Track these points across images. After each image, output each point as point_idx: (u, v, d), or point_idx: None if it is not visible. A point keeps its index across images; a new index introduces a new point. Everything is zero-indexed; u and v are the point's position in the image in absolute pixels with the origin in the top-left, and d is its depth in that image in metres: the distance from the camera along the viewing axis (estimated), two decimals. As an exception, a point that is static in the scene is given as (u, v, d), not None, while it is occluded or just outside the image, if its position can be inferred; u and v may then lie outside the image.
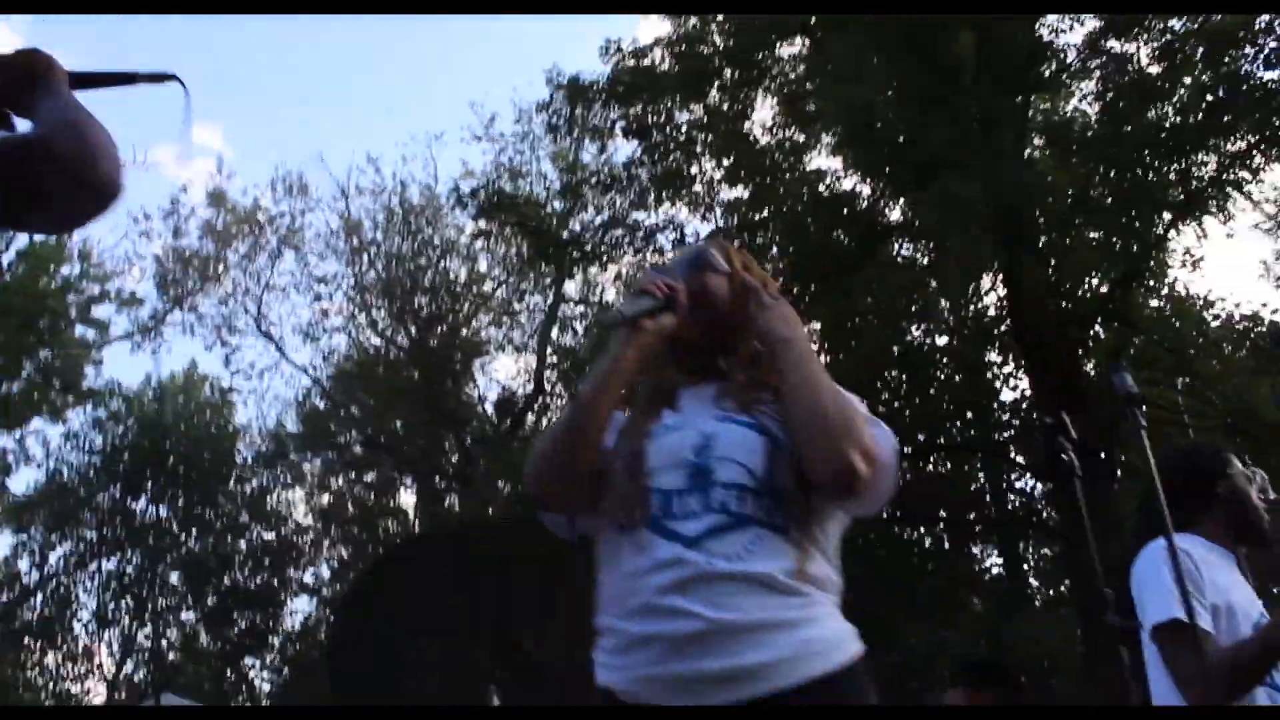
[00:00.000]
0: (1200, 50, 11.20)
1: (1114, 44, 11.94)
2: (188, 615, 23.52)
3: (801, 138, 14.39)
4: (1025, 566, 16.79)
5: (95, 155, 1.49)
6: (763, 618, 1.78)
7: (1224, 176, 11.64)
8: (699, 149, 14.48)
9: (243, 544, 23.41)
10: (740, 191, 14.44)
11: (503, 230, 16.92)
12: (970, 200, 9.92)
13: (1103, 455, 10.72)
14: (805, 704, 1.75)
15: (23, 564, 23.26)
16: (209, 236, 21.25)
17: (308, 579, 23.10)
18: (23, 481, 23.00)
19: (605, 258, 15.57)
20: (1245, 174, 11.70)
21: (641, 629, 1.82)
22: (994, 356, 14.28)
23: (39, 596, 23.24)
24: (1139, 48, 11.82)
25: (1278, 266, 15.15)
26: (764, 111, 14.94)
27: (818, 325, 14.06)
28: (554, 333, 18.81)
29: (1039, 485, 14.35)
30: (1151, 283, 13.08)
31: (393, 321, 20.91)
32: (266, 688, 22.58)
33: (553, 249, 15.59)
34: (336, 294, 21.20)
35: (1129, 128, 11.36)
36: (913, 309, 14.42)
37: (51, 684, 22.80)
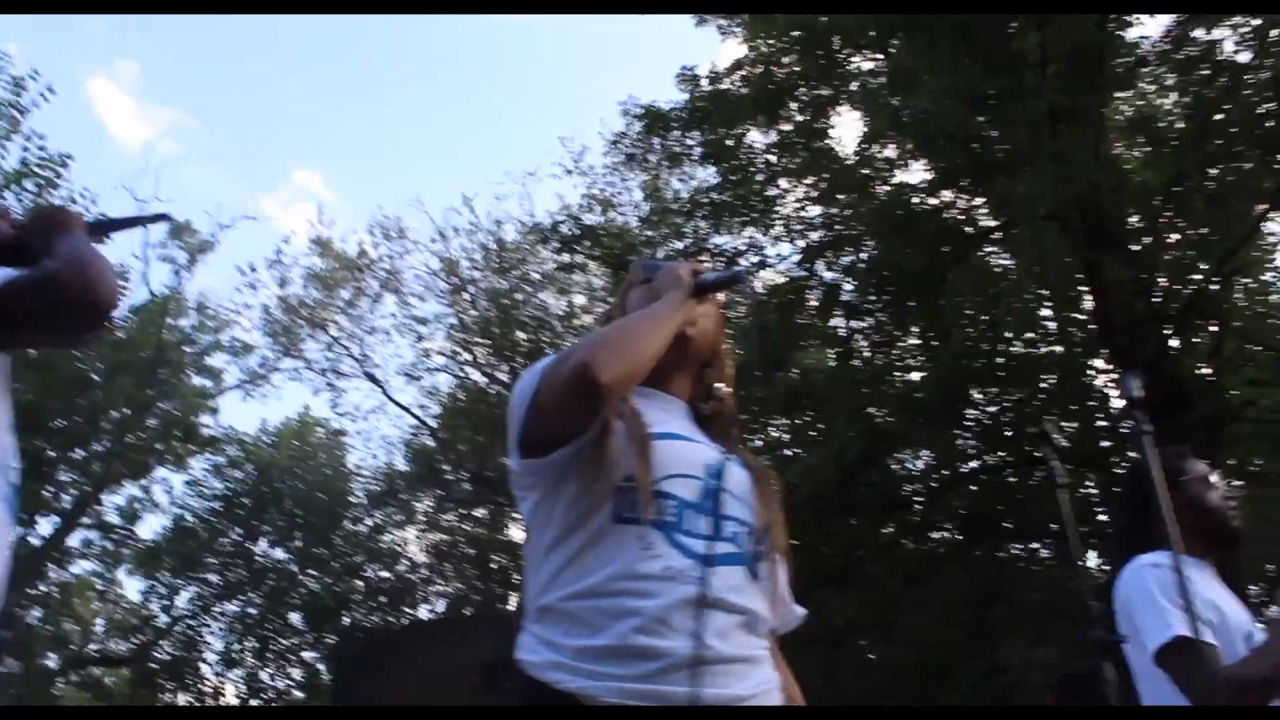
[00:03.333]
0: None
1: (1198, 32, 11.44)
2: (310, 655, 24.02)
3: (889, 151, 14.12)
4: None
5: (95, 281, 1.80)
6: (749, 653, 1.79)
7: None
8: (778, 170, 14.35)
9: (360, 583, 23.83)
10: (824, 210, 14.26)
11: (586, 261, 17.01)
12: (1036, 198, 9.59)
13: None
14: None
15: (154, 607, 24.09)
16: (313, 284, 21.75)
17: (424, 615, 23.36)
18: (150, 528, 23.79)
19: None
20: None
21: (647, 642, 1.69)
22: (1100, 363, 13.72)
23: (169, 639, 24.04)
24: (1222, 37, 11.31)
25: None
26: (844, 128, 14.82)
27: (915, 341, 13.81)
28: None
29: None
30: (1247, 280, 12.50)
31: (494, 358, 21.11)
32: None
33: (632, 276, 15.57)
34: (437, 334, 21.52)
35: (1218, 117, 10.89)
36: (1008, 318, 13.97)
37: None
